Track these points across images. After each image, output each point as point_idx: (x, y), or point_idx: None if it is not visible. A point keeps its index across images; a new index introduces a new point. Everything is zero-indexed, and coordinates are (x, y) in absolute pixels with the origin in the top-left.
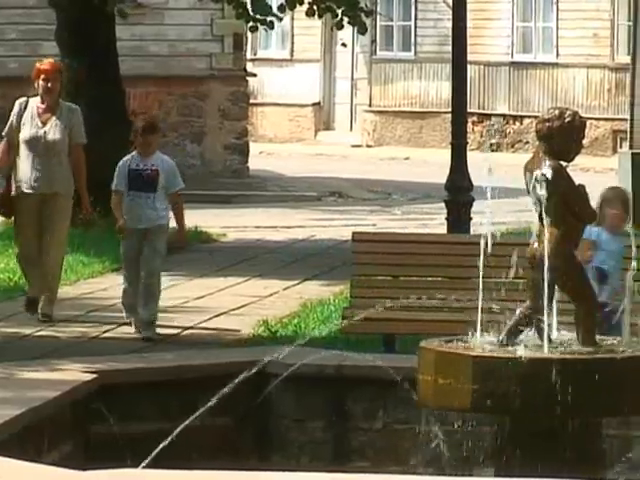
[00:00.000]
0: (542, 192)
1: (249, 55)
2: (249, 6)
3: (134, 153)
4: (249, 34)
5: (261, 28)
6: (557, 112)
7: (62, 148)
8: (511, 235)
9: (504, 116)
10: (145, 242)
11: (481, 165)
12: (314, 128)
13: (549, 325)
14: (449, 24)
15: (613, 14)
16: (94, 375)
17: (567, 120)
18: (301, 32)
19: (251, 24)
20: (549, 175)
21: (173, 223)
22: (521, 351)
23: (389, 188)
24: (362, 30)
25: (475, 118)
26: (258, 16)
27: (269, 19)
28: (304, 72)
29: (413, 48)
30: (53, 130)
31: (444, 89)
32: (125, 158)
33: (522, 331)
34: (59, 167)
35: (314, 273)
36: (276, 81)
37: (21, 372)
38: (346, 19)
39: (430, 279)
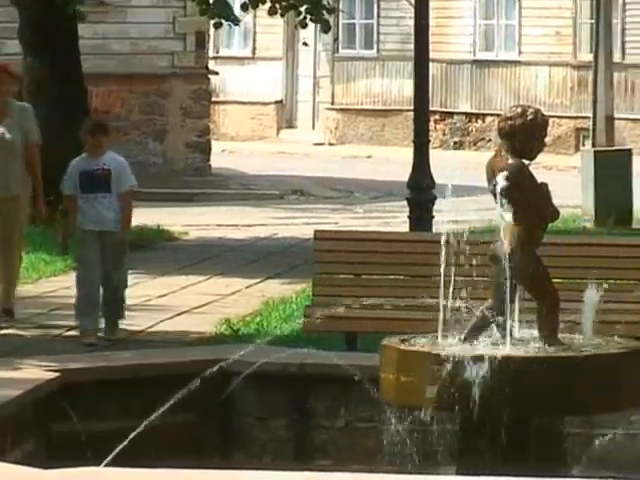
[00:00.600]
0: (504, 190)
1: (211, 53)
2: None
3: (84, 155)
4: (211, 32)
5: (225, 25)
6: (519, 110)
7: (19, 149)
8: (473, 233)
9: (466, 114)
10: (105, 244)
11: (443, 163)
12: (276, 126)
13: (511, 323)
14: (411, 22)
15: (575, 12)
16: (56, 374)
17: (529, 118)
18: (263, 30)
19: (215, 20)
20: (512, 173)
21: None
22: (482, 349)
23: (351, 186)
24: (325, 28)
25: (437, 116)
26: (221, 13)
27: (233, 16)
28: (266, 70)
29: (375, 46)
30: (7, 131)
31: (406, 87)
32: (74, 161)
33: (484, 329)
34: (18, 169)
35: (276, 271)
36: (238, 79)
37: None
38: (309, 17)
39: (392, 277)
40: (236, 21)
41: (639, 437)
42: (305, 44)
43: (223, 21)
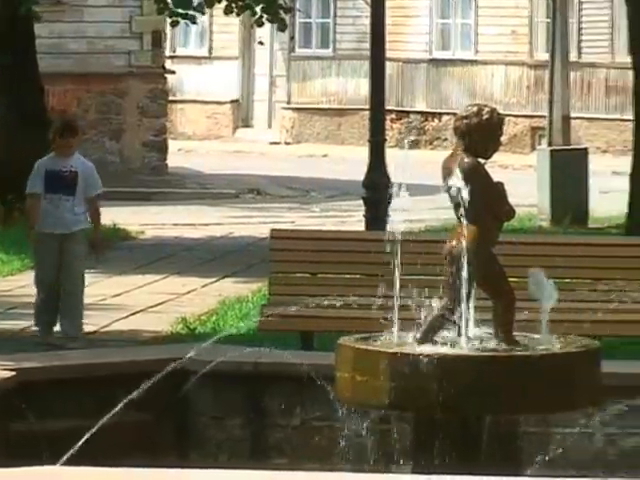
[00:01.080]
0: (460, 189)
1: (168, 52)
2: (170, 0)
3: (52, 154)
4: (168, 31)
5: (182, 23)
6: (475, 109)
7: None
8: (429, 232)
9: (422, 113)
10: (64, 248)
11: (399, 162)
12: (232, 125)
13: (467, 322)
14: (368, 21)
15: (532, 11)
16: (12, 373)
17: (485, 117)
18: (220, 30)
19: (173, 19)
20: (467, 172)
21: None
22: (438, 348)
23: (307, 185)
24: (281, 27)
25: (394, 115)
26: (180, 10)
27: (191, 13)
28: (223, 69)
29: (332, 45)
30: None
31: (363, 86)
32: (42, 159)
33: (440, 328)
34: None
35: (232, 270)
36: (195, 78)
37: None
38: (265, 16)
39: (348, 276)
40: (193, 20)
41: (595, 436)
42: (261, 43)
43: (180, 19)
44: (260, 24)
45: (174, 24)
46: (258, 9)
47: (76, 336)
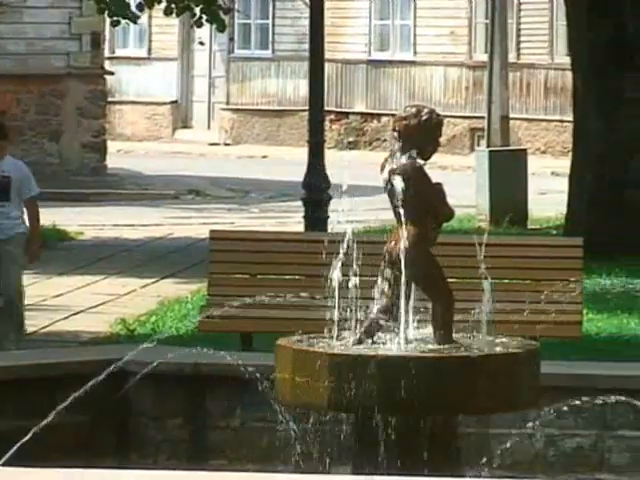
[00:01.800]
0: (399, 190)
1: (107, 53)
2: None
3: None
4: (107, 32)
5: (121, 25)
6: (414, 110)
7: None
8: (368, 233)
9: (362, 114)
10: (1, 253)
11: (339, 163)
12: (172, 126)
13: (406, 323)
14: (307, 22)
15: (470, 12)
16: None
17: (424, 118)
18: (159, 30)
19: (113, 19)
20: (406, 173)
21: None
22: (377, 349)
23: (247, 186)
24: (221, 28)
25: (333, 116)
26: (117, 11)
27: (131, 13)
28: (162, 70)
29: (271, 46)
30: None
31: (302, 87)
32: None
33: (379, 329)
34: None
35: (172, 271)
36: (134, 79)
37: None
38: (205, 17)
39: (287, 277)
40: (134, 19)
41: (535, 437)
42: (201, 43)
43: (121, 19)
44: (199, 25)
45: (115, 24)
46: (197, 10)
47: (18, 340)
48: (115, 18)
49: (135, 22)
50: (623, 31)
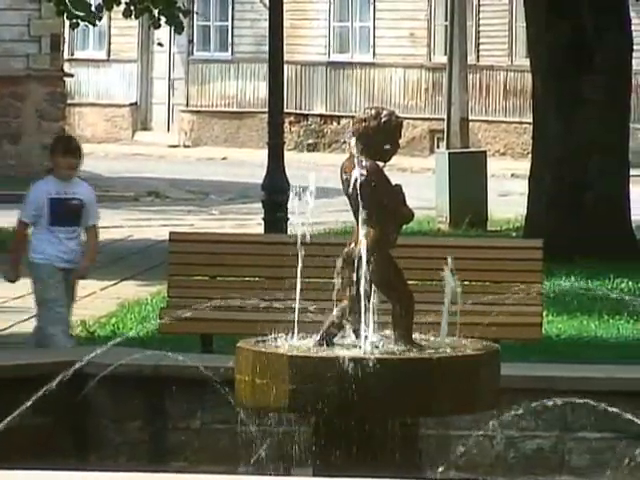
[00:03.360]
0: (358, 192)
1: (66, 55)
2: (69, 2)
3: (51, 177)
4: (67, 35)
5: (80, 27)
6: (373, 112)
7: None
8: (328, 235)
9: (321, 116)
10: (68, 282)
11: (298, 165)
12: (131, 128)
13: (365, 325)
14: (266, 24)
15: (430, 14)
16: None
17: (383, 120)
18: (118, 32)
19: (72, 20)
20: (366, 175)
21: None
22: (337, 351)
23: (206, 188)
24: (179, 30)
25: (292, 118)
26: (79, 12)
27: (91, 13)
28: (121, 72)
29: (230, 48)
30: None
31: (261, 89)
32: (40, 184)
33: (339, 331)
34: None
35: (132, 273)
36: (93, 81)
37: None
38: (163, 19)
39: (247, 279)
40: (93, 21)
41: (496, 439)
42: (160, 44)
43: (80, 21)
44: (157, 26)
45: (74, 26)
46: (156, 12)
47: None
48: (74, 20)
49: (94, 24)
50: (582, 32)
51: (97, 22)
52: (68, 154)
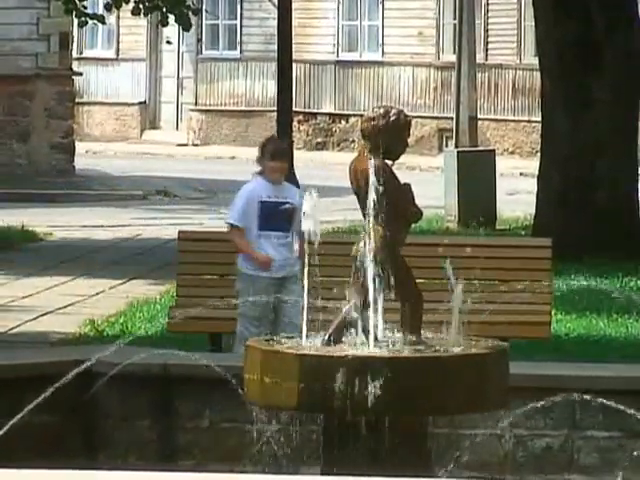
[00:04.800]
0: (368, 191)
1: (75, 54)
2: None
3: (261, 180)
4: (75, 33)
5: (89, 26)
6: (382, 111)
7: None
8: (337, 234)
9: (330, 115)
10: (283, 292)
11: (307, 164)
12: (140, 127)
13: (375, 324)
14: (275, 23)
15: (438, 13)
16: None
17: (392, 119)
18: (127, 31)
19: (81, 19)
20: (374, 174)
21: None
22: (346, 350)
23: (215, 187)
24: (186, 27)
25: (301, 117)
26: (88, 11)
27: (100, 13)
28: (130, 71)
29: (239, 47)
30: None
31: (270, 88)
32: (249, 186)
33: (348, 330)
34: None
35: (140, 272)
36: (102, 80)
37: None
38: (172, 17)
39: None
40: (102, 19)
41: (504, 438)
42: (169, 42)
43: (89, 20)
44: (165, 24)
45: (82, 24)
46: (165, 9)
47: None
48: (83, 18)
49: (103, 23)
50: (590, 31)
51: (106, 21)
52: (277, 157)
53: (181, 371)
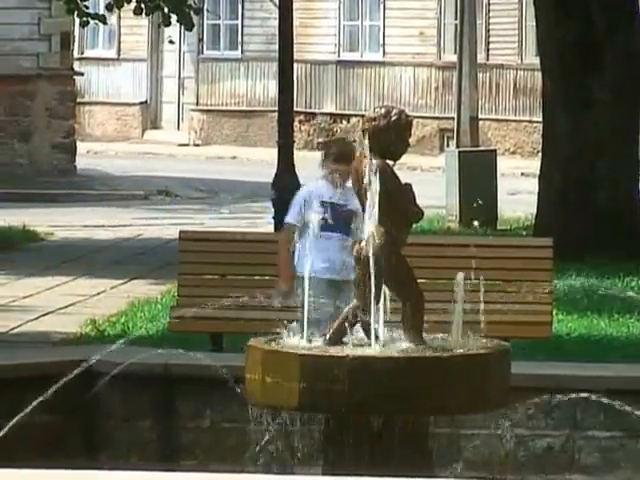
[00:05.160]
0: (368, 191)
1: (76, 54)
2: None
3: (323, 181)
4: (76, 33)
5: (90, 26)
6: (383, 111)
7: None
8: None
9: (331, 115)
10: (341, 296)
11: (308, 164)
12: (141, 127)
13: (376, 324)
14: (276, 23)
15: (439, 13)
16: None
17: (393, 119)
18: (128, 31)
19: (82, 19)
20: (376, 174)
21: None
22: (348, 349)
23: (216, 187)
24: (189, 27)
25: (302, 117)
26: (89, 11)
27: (101, 13)
28: (131, 71)
29: (240, 47)
30: None
31: (271, 88)
32: (310, 187)
33: (350, 329)
34: None
35: (141, 272)
36: (103, 80)
37: None
38: (174, 17)
39: (257, 278)
40: (103, 20)
41: (506, 437)
42: (171, 42)
43: (90, 19)
44: (167, 24)
45: (84, 24)
46: (167, 9)
47: None
48: (84, 18)
49: (105, 22)
50: (591, 31)
51: (107, 21)
52: (340, 160)
53: (183, 371)
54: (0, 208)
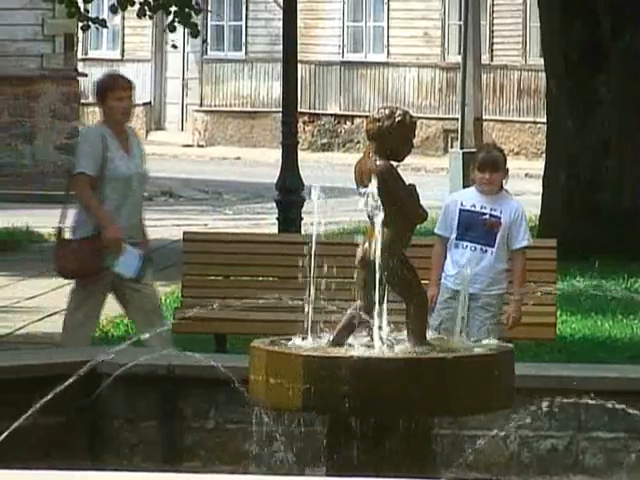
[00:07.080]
0: (372, 192)
1: (80, 55)
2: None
3: (472, 188)
4: (80, 34)
5: (93, 27)
6: (387, 111)
7: None
8: (342, 235)
9: (335, 116)
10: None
11: (312, 165)
12: (145, 128)
13: (380, 325)
14: (280, 24)
15: (444, 13)
16: None
17: (397, 119)
18: (132, 32)
19: (83, 23)
20: (380, 175)
21: None
22: (351, 351)
23: (220, 188)
24: (194, 33)
25: (306, 118)
26: (90, 14)
27: (101, 17)
28: (135, 72)
29: (244, 48)
30: None
31: (275, 89)
32: (455, 193)
33: (353, 330)
34: None
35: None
36: None
37: None
38: (178, 21)
39: (261, 279)
40: (103, 24)
41: (510, 438)
42: (174, 46)
43: (91, 23)
44: (172, 29)
45: (85, 28)
46: (172, 9)
47: None
48: (85, 22)
49: (105, 26)
50: (597, 32)
51: (107, 24)
52: (481, 168)
53: (186, 372)
54: (4, 209)
